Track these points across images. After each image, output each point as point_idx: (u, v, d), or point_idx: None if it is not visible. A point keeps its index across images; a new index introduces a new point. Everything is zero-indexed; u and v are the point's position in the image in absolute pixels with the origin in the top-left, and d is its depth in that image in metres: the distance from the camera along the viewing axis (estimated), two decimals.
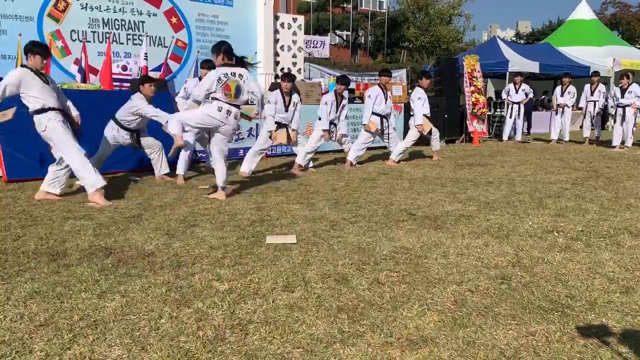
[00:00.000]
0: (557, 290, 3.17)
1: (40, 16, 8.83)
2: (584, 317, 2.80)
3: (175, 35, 10.49)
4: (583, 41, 18.05)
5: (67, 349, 2.41)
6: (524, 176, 7.42)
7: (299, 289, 3.15)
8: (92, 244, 4.01)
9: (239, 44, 11.29)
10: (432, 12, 35.97)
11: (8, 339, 2.49)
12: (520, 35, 42.00)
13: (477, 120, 12.81)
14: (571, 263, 3.66)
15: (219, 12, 11.11)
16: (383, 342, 2.51)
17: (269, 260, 3.67)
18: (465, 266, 3.58)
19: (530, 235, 4.37)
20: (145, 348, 2.43)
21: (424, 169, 8.14)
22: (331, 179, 7.17)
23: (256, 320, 2.72)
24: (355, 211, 5.18)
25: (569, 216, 5.02)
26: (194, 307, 2.87)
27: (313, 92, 10.41)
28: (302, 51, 12.96)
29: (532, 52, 15.83)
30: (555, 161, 9.16)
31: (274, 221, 4.76)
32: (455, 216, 4.99)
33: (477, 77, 12.86)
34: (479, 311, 2.86)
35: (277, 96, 7.35)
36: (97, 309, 2.83)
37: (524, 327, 2.67)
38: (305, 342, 2.50)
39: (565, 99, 12.50)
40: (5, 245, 3.96)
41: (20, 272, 3.39)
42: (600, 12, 36.32)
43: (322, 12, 34.34)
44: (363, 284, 3.24)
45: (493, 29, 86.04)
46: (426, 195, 6.03)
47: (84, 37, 9.21)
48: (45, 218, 4.79)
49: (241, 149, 8.96)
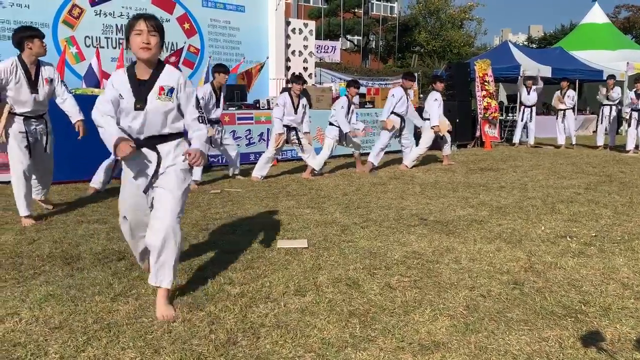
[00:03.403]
0: (571, 295, 3.15)
1: (55, 23, 8.96)
2: (597, 323, 2.78)
3: (188, 41, 10.58)
4: (596, 45, 17.93)
5: (81, 352, 2.44)
6: (537, 181, 7.37)
7: (310, 293, 3.16)
8: (106, 247, 4.05)
9: (251, 49, 11.44)
10: (444, 17, 35.91)
11: (24, 341, 2.52)
12: (532, 40, 41.76)
13: (488, 124, 12.75)
14: (584, 268, 3.63)
15: (231, 17, 11.19)
16: (395, 346, 2.51)
17: (280, 264, 3.68)
18: (477, 271, 3.56)
19: (543, 240, 4.34)
20: (158, 351, 2.45)
21: (436, 174, 8.12)
22: (342, 183, 7.17)
23: (268, 324, 2.73)
24: (366, 216, 5.18)
25: (582, 221, 4.98)
26: (207, 310, 2.89)
27: (324, 97, 10.43)
28: (313, 56, 13.00)
29: (544, 56, 15.74)
30: (568, 166, 9.09)
31: (285, 225, 4.77)
32: (467, 221, 4.97)
33: (488, 82, 12.80)
34: (491, 316, 2.84)
35: (285, 99, 7.38)
36: (111, 312, 2.86)
37: (536, 333, 2.66)
38: (317, 347, 2.50)
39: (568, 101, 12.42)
40: (20, 248, 4.01)
41: (36, 275, 3.43)
42: (614, 15, 36.05)
43: (333, 17, 34.41)
44: (374, 288, 3.24)
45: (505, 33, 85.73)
46: (438, 200, 6.01)
47: (97, 43, 9.33)
48: (59, 222, 4.84)
49: (252, 154, 8.99)
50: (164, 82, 2.92)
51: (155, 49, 2.86)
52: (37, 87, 4.71)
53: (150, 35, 2.82)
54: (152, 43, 2.83)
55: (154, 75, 2.92)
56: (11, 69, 4.59)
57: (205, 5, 10.81)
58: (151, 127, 2.93)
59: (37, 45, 4.66)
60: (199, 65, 10.66)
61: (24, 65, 4.66)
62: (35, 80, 4.71)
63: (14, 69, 4.60)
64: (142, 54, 2.84)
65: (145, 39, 2.81)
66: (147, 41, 2.81)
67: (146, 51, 2.83)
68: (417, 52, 36.13)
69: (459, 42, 34.75)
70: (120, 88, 2.89)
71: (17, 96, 4.64)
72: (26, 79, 4.65)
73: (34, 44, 4.64)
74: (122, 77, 2.94)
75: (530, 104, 12.55)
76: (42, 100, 4.79)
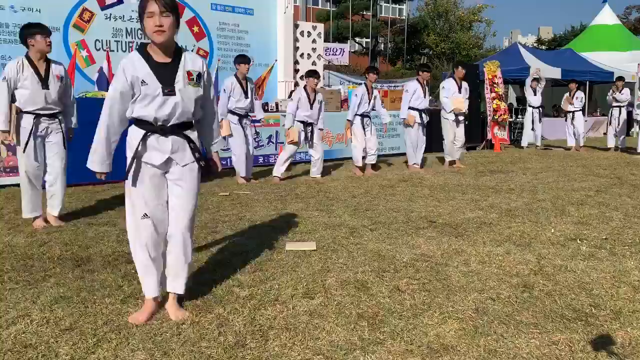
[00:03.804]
0: (581, 299, 3.13)
1: (65, 27, 9.03)
2: (608, 327, 2.76)
3: (197, 44, 10.64)
4: (606, 46, 17.80)
5: (91, 353, 2.45)
6: (546, 183, 7.33)
7: (318, 295, 3.16)
8: (115, 250, 4.08)
9: (260, 52, 11.47)
10: (452, 19, 35.86)
11: (34, 343, 2.54)
12: (542, 41, 41.54)
13: (498, 126, 12.70)
14: (595, 271, 3.60)
15: (239, 20, 11.24)
16: (403, 349, 2.50)
17: (288, 266, 3.69)
18: (486, 274, 3.55)
19: (553, 243, 4.32)
20: (168, 353, 2.46)
21: (445, 176, 8.09)
22: (350, 185, 7.17)
23: (276, 327, 2.74)
24: (375, 218, 5.17)
25: (592, 224, 4.95)
26: (215, 312, 2.90)
27: (332, 99, 10.44)
28: (322, 59, 13.02)
29: (554, 58, 15.66)
30: (578, 168, 9.03)
31: (293, 228, 4.78)
32: (477, 223, 4.95)
33: (497, 84, 12.75)
34: (501, 319, 2.83)
35: (300, 94, 7.39)
36: (121, 314, 2.88)
37: (546, 336, 2.64)
38: (326, 349, 2.50)
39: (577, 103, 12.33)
40: (31, 250, 4.04)
41: (46, 277, 3.46)
42: (624, 16, 35.73)
43: (341, 19, 34.46)
44: (383, 291, 3.23)
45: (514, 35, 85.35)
46: (447, 202, 5.99)
47: (107, 47, 9.40)
48: (70, 224, 4.88)
49: (260, 156, 9.01)
50: (191, 66, 2.79)
51: (170, 30, 2.66)
52: (47, 83, 4.70)
53: (163, 16, 2.61)
54: (166, 25, 2.62)
55: (176, 58, 2.76)
56: (18, 68, 4.61)
57: (214, 8, 10.86)
58: (182, 115, 2.78)
59: (38, 42, 4.61)
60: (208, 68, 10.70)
61: (31, 62, 4.66)
62: (46, 76, 4.70)
63: (21, 67, 4.62)
64: (156, 37, 2.64)
65: (158, 21, 2.60)
66: (160, 23, 2.61)
67: (160, 34, 2.63)
68: (426, 54, 36.10)
69: (467, 44, 34.68)
70: (138, 73, 2.69)
71: (28, 93, 4.64)
72: (36, 75, 4.66)
73: (35, 40, 4.60)
74: (138, 61, 2.72)
75: (536, 105, 12.50)
76: (54, 97, 4.75)
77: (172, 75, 2.74)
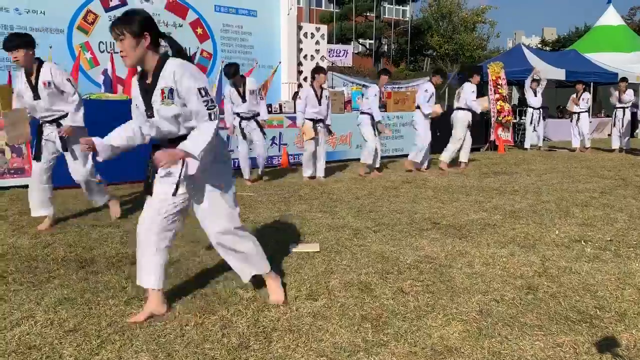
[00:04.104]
0: (585, 300, 3.12)
1: (70, 29, 9.08)
2: (613, 329, 2.74)
3: (201, 45, 10.68)
4: (611, 47, 17.74)
5: (95, 355, 2.46)
6: (551, 185, 7.31)
7: (322, 297, 3.16)
8: (119, 251, 4.08)
9: (263, 54, 11.49)
10: (456, 20, 35.84)
11: (39, 344, 2.55)
12: (546, 42, 41.43)
13: (502, 128, 12.68)
14: (599, 273, 3.59)
15: (243, 22, 11.27)
16: (407, 351, 2.50)
17: (292, 268, 3.68)
18: (490, 276, 3.54)
19: (557, 244, 4.30)
20: (171, 354, 2.46)
21: (448, 178, 8.08)
22: (354, 187, 7.16)
23: (280, 328, 2.74)
24: (379, 220, 5.17)
25: (597, 225, 4.93)
26: (219, 314, 2.90)
27: (336, 100, 10.44)
28: (325, 60, 13.02)
29: (558, 59, 15.63)
30: (583, 169, 9.00)
31: (297, 229, 4.78)
32: (481, 225, 4.94)
33: (501, 85, 12.74)
34: (505, 321, 2.82)
35: (307, 91, 7.41)
36: (124, 316, 2.88)
37: (551, 338, 2.63)
38: (329, 351, 2.50)
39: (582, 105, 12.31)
40: (35, 252, 4.06)
41: (50, 278, 3.47)
42: (629, 17, 35.60)
43: (345, 21, 34.49)
44: (387, 293, 3.23)
45: (518, 36, 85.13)
46: (450, 204, 5.98)
47: (111, 49, 9.43)
48: (74, 226, 4.89)
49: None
50: (163, 83, 2.65)
51: (132, 51, 2.60)
52: (38, 93, 4.54)
53: (119, 41, 2.61)
54: (125, 48, 2.60)
55: (155, 77, 2.68)
56: (19, 79, 4.59)
57: (218, 10, 10.90)
58: (168, 134, 2.75)
59: (21, 56, 4.38)
60: (212, 70, 10.73)
61: (26, 72, 4.55)
62: (36, 85, 4.53)
63: (20, 79, 4.58)
64: (124, 63, 2.70)
65: (119, 47, 2.63)
66: (120, 49, 2.63)
67: (124, 59, 2.66)
68: (430, 55, 36.08)
69: (471, 45, 34.65)
70: (134, 97, 2.79)
71: (28, 103, 4.61)
72: (29, 88, 4.53)
73: (18, 54, 4.38)
74: (135, 82, 2.81)
75: (537, 106, 12.47)
76: (46, 105, 4.59)
77: (151, 96, 2.70)
